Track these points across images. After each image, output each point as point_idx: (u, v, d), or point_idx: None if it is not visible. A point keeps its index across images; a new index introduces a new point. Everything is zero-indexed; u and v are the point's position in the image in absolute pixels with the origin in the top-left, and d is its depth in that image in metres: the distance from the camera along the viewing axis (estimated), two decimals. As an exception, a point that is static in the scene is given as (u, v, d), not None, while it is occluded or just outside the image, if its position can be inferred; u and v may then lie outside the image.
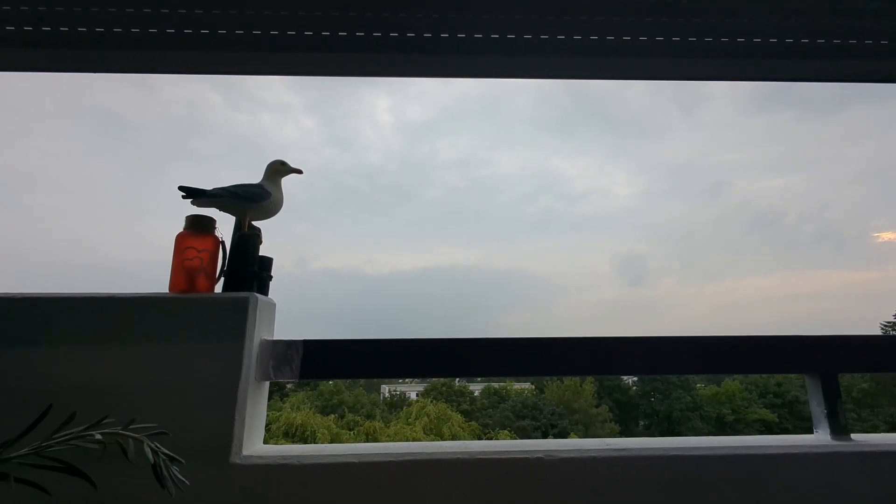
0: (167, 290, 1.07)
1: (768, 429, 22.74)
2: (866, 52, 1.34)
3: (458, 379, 23.50)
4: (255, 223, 1.21)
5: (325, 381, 21.38)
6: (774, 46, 1.32)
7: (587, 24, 1.29)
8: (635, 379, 27.27)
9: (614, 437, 1.08)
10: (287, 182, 1.27)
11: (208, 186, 1.16)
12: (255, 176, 1.24)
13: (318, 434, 14.39)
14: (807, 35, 1.31)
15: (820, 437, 1.14)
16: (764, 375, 23.90)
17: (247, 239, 1.16)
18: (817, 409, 1.17)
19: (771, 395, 24.67)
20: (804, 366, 1.18)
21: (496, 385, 25.28)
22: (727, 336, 1.18)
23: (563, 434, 20.21)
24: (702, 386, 26.53)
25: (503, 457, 1.00)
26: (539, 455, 1.01)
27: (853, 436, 1.13)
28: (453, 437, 14.75)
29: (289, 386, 21.19)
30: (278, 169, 1.25)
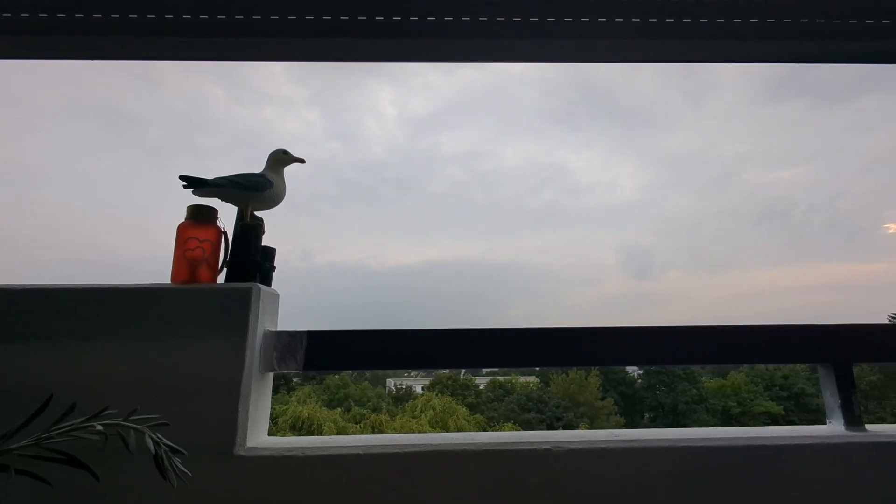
0: (169, 282, 1.06)
1: (774, 421, 22.66)
2: (886, 32, 1.29)
3: (463, 371, 23.58)
4: (257, 213, 1.19)
5: (330, 375, 21.50)
6: (789, 27, 1.28)
7: (596, 6, 1.26)
8: (640, 371, 27.25)
9: (620, 429, 1.07)
10: (290, 176, 1.25)
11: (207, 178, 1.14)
12: (257, 170, 1.22)
13: (325, 427, 14.51)
14: (822, 15, 1.28)
15: (834, 428, 1.12)
16: (770, 367, 23.86)
17: (249, 229, 1.14)
18: (831, 400, 1.15)
19: (777, 388, 24.56)
20: (818, 355, 1.16)
21: (501, 378, 25.32)
22: (738, 326, 1.16)
23: (568, 427, 20.24)
24: (707, 378, 26.46)
25: (510, 448, 0.99)
26: (547, 446, 0.99)
27: (868, 426, 1.11)
28: (459, 430, 14.82)
29: (295, 379, 21.32)
30: (280, 158, 1.24)
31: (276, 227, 1.21)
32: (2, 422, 0.74)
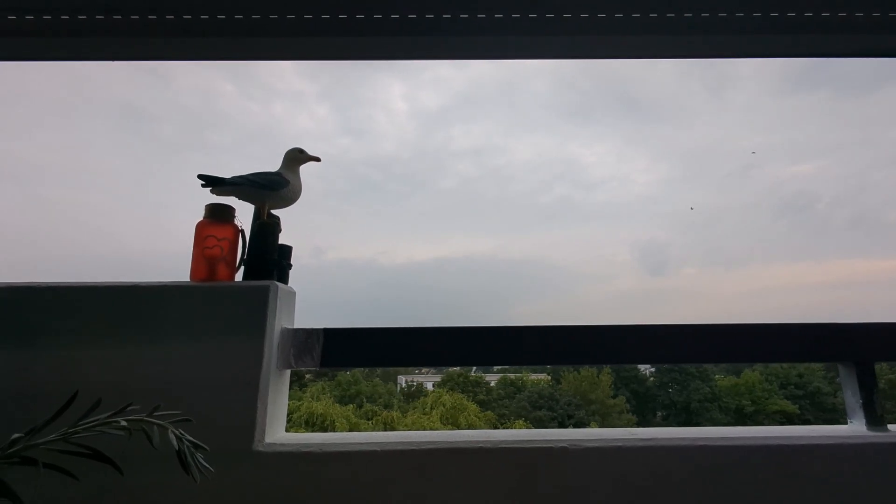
0: (188, 280, 1.08)
1: (789, 420, 22.39)
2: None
3: (474, 369, 23.59)
4: (273, 212, 1.20)
5: (343, 372, 21.64)
6: (811, 20, 1.25)
7: (613, 2, 1.24)
8: (653, 370, 27.03)
9: (637, 427, 1.06)
10: (302, 172, 1.26)
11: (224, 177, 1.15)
12: (269, 167, 1.23)
13: (338, 423, 14.64)
14: (844, 8, 1.25)
15: (855, 428, 1.11)
16: (785, 366, 23.49)
17: (266, 227, 1.15)
18: (852, 399, 1.13)
19: (792, 386, 24.23)
20: (840, 354, 1.14)
21: (512, 376, 25.28)
22: (757, 324, 1.14)
23: (580, 425, 20.17)
24: (721, 377, 26.16)
25: (526, 446, 0.99)
26: (563, 444, 0.99)
27: (890, 426, 1.09)
28: (469, 427, 14.85)
29: (307, 376, 21.48)
30: (296, 157, 1.24)
31: (288, 223, 1.22)
32: (29, 417, 0.75)
